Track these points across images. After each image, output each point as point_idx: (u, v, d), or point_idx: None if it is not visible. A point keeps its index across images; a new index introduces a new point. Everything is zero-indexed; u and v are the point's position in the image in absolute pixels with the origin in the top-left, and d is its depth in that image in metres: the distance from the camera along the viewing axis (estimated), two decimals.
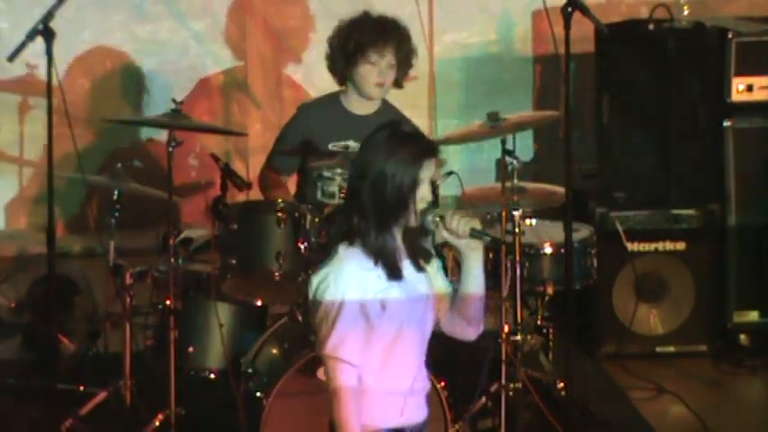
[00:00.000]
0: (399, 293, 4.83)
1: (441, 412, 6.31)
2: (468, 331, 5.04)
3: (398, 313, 4.84)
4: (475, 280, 4.91)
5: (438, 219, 4.83)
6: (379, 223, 4.82)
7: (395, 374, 4.88)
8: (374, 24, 7.26)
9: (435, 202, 7.16)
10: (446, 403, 6.30)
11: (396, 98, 7.69)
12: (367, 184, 4.81)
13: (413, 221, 4.83)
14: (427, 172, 4.86)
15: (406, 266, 4.88)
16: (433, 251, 4.99)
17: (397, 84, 7.31)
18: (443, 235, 4.85)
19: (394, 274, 4.81)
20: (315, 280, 4.88)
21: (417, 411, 4.95)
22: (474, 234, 4.80)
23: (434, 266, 4.97)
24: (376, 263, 4.81)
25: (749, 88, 7.94)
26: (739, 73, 7.94)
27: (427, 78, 8.80)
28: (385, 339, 4.82)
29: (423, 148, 4.87)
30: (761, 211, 6.85)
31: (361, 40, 7.19)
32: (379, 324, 4.80)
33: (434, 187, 7.09)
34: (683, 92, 8.07)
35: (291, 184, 7.33)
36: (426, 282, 4.94)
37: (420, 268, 4.91)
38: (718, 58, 7.98)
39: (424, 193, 4.84)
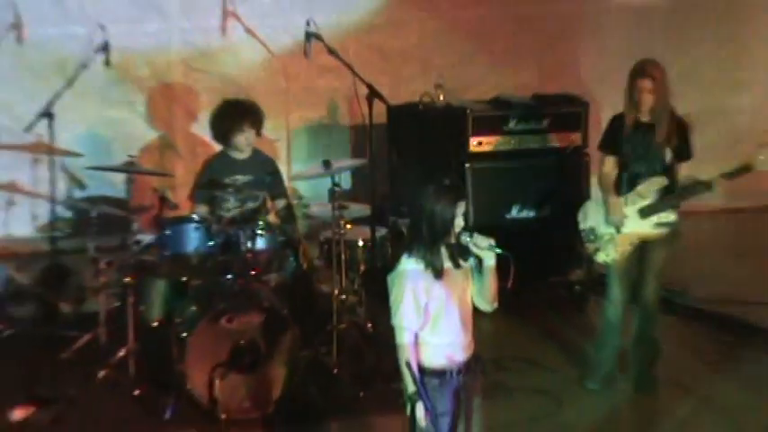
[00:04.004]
0: (440, 284, 4.76)
1: (298, 342, 6.32)
2: (485, 305, 4.92)
3: (440, 297, 4.76)
4: (488, 275, 4.81)
5: (469, 238, 4.76)
6: (431, 243, 4.75)
7: (443, 332, 4.79)
8: (240, 110, 7.22)
9: (292, 215, 7.17)
10: (300, 338, 6.32)
11: (268, 152, 7.68)
12: (424, 220, 4.75)
13: (452, 240, 4.76)
14: (460, 209, 4.77)
15: (447, 265, 4.80)
16: (470, 254, 4.84)
17: (258, 135, 7.28)
18: (471, 248, 4.77)
19: (438, 274, 4.75)
20: (389, 277, 4.82)
21: (459, 355, 4.85)
22: (491, 248, 4.74)
23: (470, 262, 4.84)
24: (426, 267, 4.75)
25: (480, 143, 7.99)
26: (474, 134, 7.97)
27: (285, 140, 8.77)
28: (433, 312, 4.75)
29: (457, 195, 4.79)
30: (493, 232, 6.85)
31: (233, 122, 7.15)
32: (427, 303, 4.74)
33: (288, 207, 7.09)
34: (440, 145, 8.11)
35: None
36: (462, 274, 4.84)
37: (458, 266, 4.81)
38: (462, 125, 7.98)
39: (458, 222, 4.76)
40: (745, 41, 9.60)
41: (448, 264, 4.84)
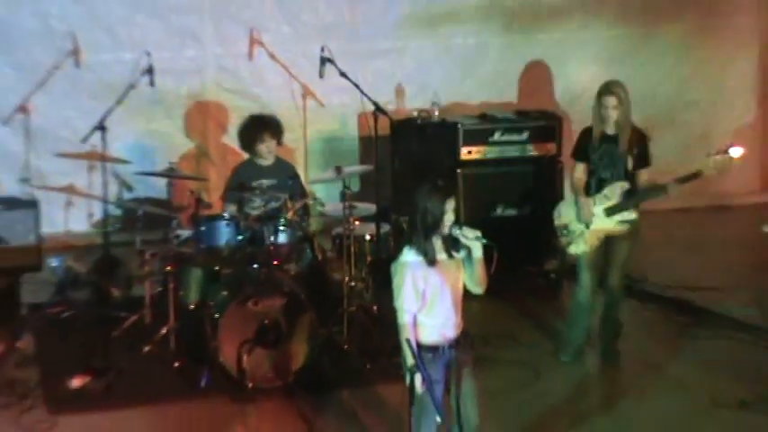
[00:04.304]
0: (435, 273, 4.76)
1: (315, 322, 6.32)
2: (476, 289, 4.92)
3: (435, 284, 4.76)
4: (477, 262, 4.80)
5: (458, 231, 4.76)
6: (425, 235, 4.74)
7: (437, 314, 4.79)
8: (262, 123, 7.25)
9: (307, 214, 7.15)
10: (316, 318, 6.33)
11: (289, 159, 7.68)
12: (418, 215, 4.75)
13: (444, 232, 4.76)
14: (449, 206, 4.76)
15: (441, 256, 4.79)
16: (461, 245, 4.84)
17: (279, 144, 7.30)
18: (461, 239, 4.77)
19: (431, 262, 4.75)
20: (392, 266, 4.83)
21: (450, 333, 4.86)
22: (478, 239, 4.75)
23: (477, 250, 4.80)
24: (423, 256, 4.75)
25: (469, 152, 7.98)
26: (464, 144, 7.95)
27: (303, 149, 8.75)
28: (429, 296, 4.76)
29: (446, 193, 4.78)
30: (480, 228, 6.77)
31: (256, 133, 7.19)
32: (424, 289, 4.74)
33: (305, 206, 7.08)
34: (435, 154, 8.10)
35: None
36: (455, 264, 4.83)
37: (451, 256, 4.81)
38: (454, 137, 7.96)
39: (449, 217, 4.75)
40: (697, 66, 9.59)
41: (442, 255, 4.83)
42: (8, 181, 8.30)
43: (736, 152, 6.27)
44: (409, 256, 4.80)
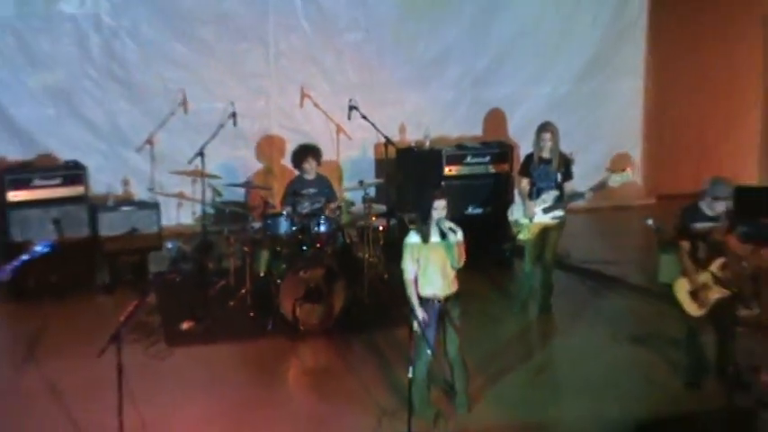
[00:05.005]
0: (427, 248, 4.81)
1: (345, 286, 6.32)
2: (456, 265, 4.93)
3: (426, 256, 4.81)
4: (454, 245, 4.83)
5: (442, 222, 4.79)
6: (422, 221, 4.82)
7: (429, 276, 4.86)
8: (307, 149, 7.13)
9: (340, 213, 7.12)
10: (346, 283, 6.32)
11: (328, 173, 7.62)
12: (419, 207, 4.88)
13: (434, 222, 4.81)
14: (438, 204, 4.81)
15: (435, 237, 4.81)
16: (454, 230, 4.84)
17: (319, 164, 7.17)
18: (443, 228, 4.79)
19: (425, 241, 4.80)
20: (404, 240, 4.87)
21: (440, 292, 4.89)
22: (452, 229, 4.81)
23: (453, 238, 4.83)
24: (420, 235, 4.80)
25: (450, 170, 7.80)
26: (447, 164, 7.83)
27: (338, 165, 8.72)
28: (423, 264, 4.81)
29: (435, 195, 4.86)
30: (460, 220, 6.59)
31: (302, 155, 7.06)
32: (420, 259, 4.80)
33: (338, 207, 7.05)
34: (427, 171, 8.04)
35: None
36: (444, 245, 4.84)
37: (443, 237, 4.82)
38: (440, 159, 7.84)
39: (438, 212, 4.80)
40: (602, 115, 9.52)
41: (436, 238, 4.89)
42: (140, 189, 8.33)
43: (629, 170, 6.38)
44: (412, 236, 4.91)
